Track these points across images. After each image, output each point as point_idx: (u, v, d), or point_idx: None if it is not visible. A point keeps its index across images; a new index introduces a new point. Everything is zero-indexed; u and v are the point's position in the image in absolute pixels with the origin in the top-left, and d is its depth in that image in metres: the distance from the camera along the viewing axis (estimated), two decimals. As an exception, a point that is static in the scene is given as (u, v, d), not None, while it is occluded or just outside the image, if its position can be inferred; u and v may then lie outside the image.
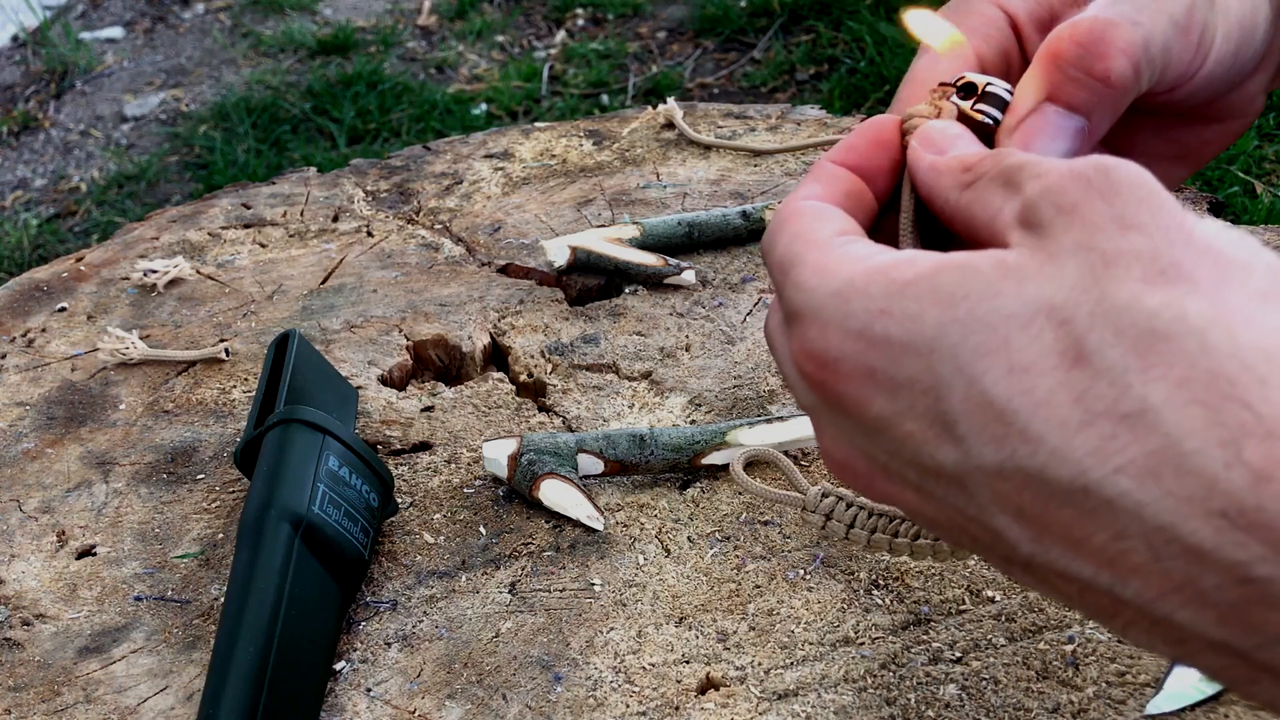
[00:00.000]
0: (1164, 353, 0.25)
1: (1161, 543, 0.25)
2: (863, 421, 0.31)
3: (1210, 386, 0.24)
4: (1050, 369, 0.26)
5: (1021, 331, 0.27)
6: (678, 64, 2.60)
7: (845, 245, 0.32)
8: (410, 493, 0.71)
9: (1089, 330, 0.26)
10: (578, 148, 1.10)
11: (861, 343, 0.29)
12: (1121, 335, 0.26)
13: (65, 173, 2.46)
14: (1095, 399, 0.26)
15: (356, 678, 0.59)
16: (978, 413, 0.27)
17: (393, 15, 2.96)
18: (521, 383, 0.80)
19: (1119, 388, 0.25)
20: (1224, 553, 0.24)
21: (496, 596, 0.63)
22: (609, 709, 0.56)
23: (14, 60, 2.89)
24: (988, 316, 0.27)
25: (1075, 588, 0.28)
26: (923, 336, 0.28)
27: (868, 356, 0.29)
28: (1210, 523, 0.24)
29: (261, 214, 1.04)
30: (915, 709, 0.55)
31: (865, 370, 0.29)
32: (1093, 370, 0.26)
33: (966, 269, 0.28)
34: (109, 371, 0.84)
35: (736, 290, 0.87)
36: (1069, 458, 0.26)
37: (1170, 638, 0.27)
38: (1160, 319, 0.25)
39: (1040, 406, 0.26)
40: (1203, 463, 0.24)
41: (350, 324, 0.86)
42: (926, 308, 0.28)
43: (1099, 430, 0.25)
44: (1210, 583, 0.25)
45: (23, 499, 0.73)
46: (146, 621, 0.64)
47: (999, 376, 0.27)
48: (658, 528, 0.67)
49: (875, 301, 0.29)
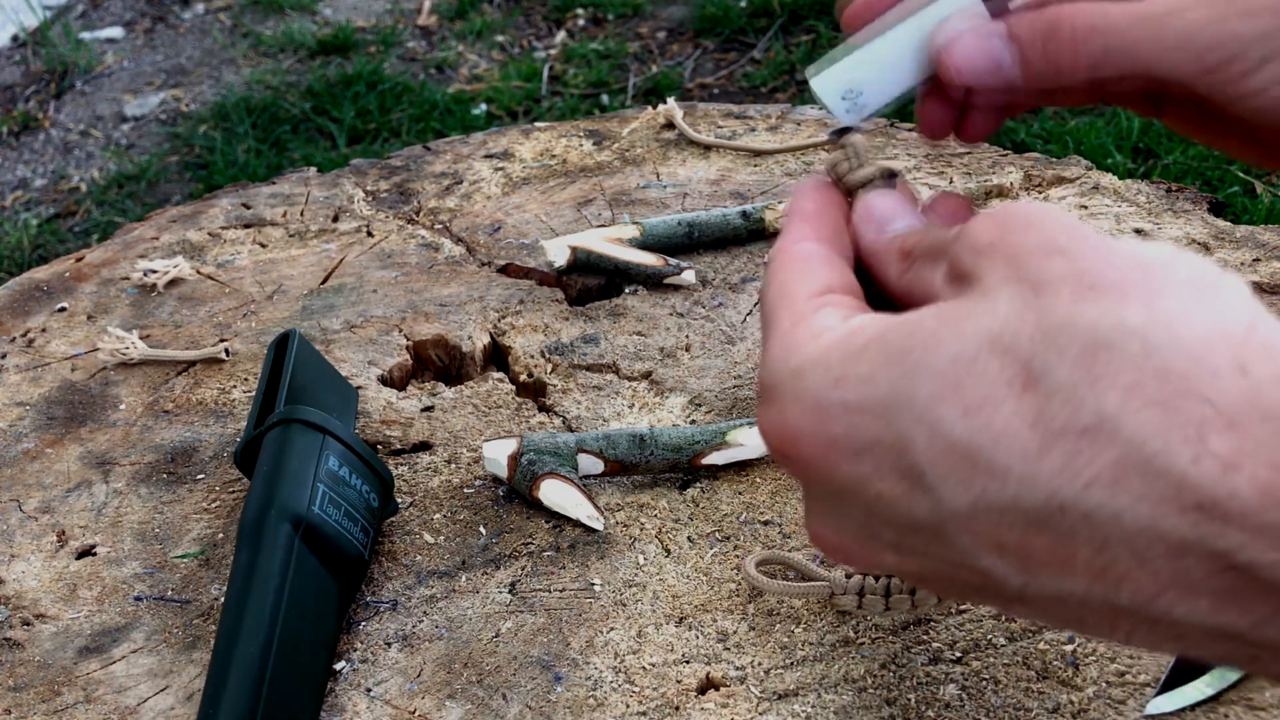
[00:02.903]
0: (1109, 361, 0.25)
1: (1144, 546, 0.25)
2: (832, 490, 0.31)
3: (1162, 386, 0.25)
4: (1003, 400, 0.26)
5: (969, 370, 0.27)
6: (678, 64, 2.60)
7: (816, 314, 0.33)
8: (410, 493, 0.71)
9: (1032, 354, 0.26)
10: (578, 148, 1.10)
11: (818, 414, 0.30)
12: (1065, 352, 0.26)
13: (65, 173, 2.46)
14: (1052, 419, 0.26)
15: (356, 678, 0.59)
16: (942, 459, 0.27)
17: (393, 15, 2.96)
18: (521, 383, 0.80)
19: (1073, 404, 0.25)
20: (1206, 544, 0.25)
21: (496, 596, 0.63)
22: (609, 709, 0.56)
23: (14, 60, 2.89)
24: (935, 363, 0.28)
25: (1072, 608, 0.28)
26: (877, 396, 0.29)
27: (826, 426, 0.30)
28: (1187, 518, 0.24)
29: (261, 214, 1.04)
30: (915, 709, 0.55)
31: (826, 440, 0.30)
32: (1044, 392, 0.26)
33: (909, 324, 0.29)
34: (109, 371, 0.84)
35: (736, 290, 0.87)
36: (1038, 482, 0.26)
37: (1171, 634, 0.27)
38: (1099, 329, 0.26)
39: (1000, 438, 0.26)
40: (1169, 462, 0.24)
41: (350, 324, 0.86)
42: (878, 368, 0.29)
43: (1062, 449, 0.26)
44: (1199, 574, 0.25)
45: (23, 499, 0.73)
46: (146, 621, 0.64)
47: (956, 418, 0.27)
48: (658, 528, 0.67)
49: (830, 372, 0.30)
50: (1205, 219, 0.92)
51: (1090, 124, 2.04)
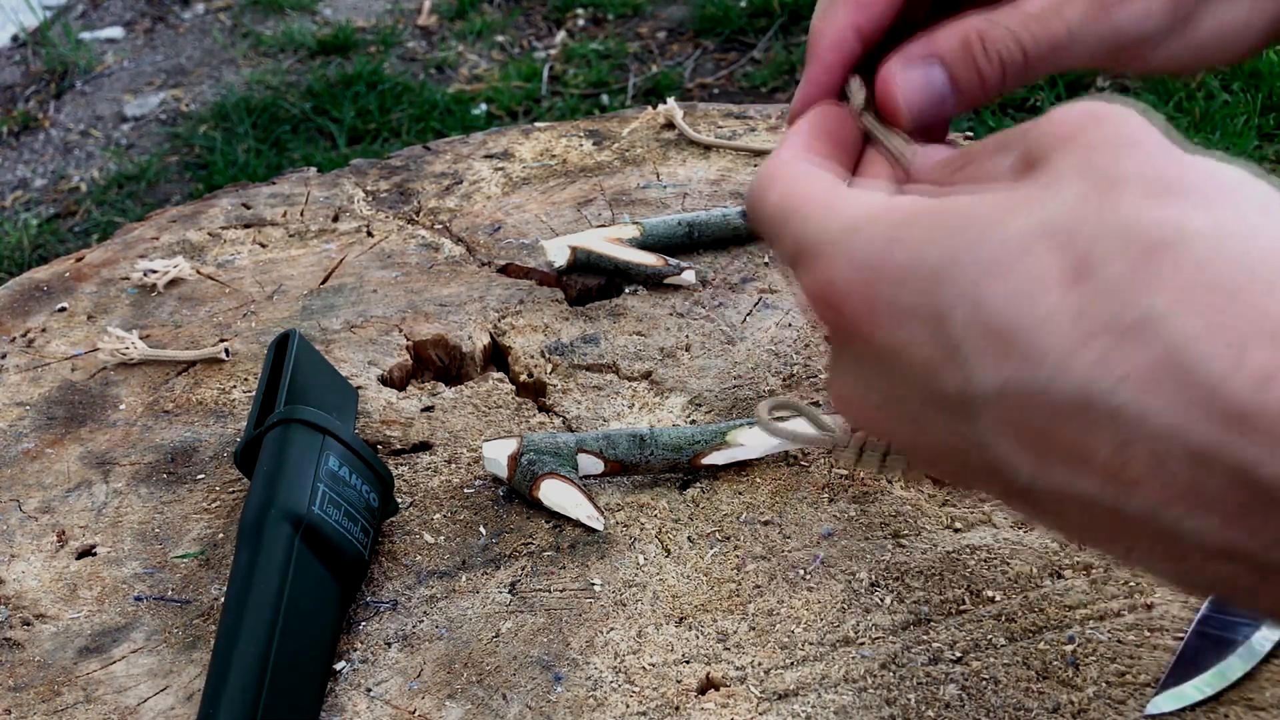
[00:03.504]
0: (1167, 264, 0.25)
1: (1165, 449, 0.25)
2: (869, 353, 0.31)
3: (1214, 293, 0.25)
4: (1052, 288, 0.26)
5: (1024, 254, 0.27)
6: (678, 64, 2.60)
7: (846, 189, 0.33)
8: (410, 493, 0.71)
9: (1091, 247, 0.26)
10: (578, 148, 1.10)
11: (869, 272, 0.30)
12: (1124, 250, 0.26)
13: (65, 173, 2.46)
14: (1097, 313, 0.26)
15: (356, 678, 0.59)
16: (980, 336, 0.27)
17: (393, 15, 2.96)
18: (521, 383, 0.80)
19: (1121, 300, 0.25)
20: (1228, 455, 0.24)
21: (496, 596, 0.63)
22: (609, 709, 0.56)
23: (14, 60, 2.89)
24: (991, 242, 0.28)
25: (1077, 511, 0.28)
26: (928, 264, 0.29)
27: (876, 286, 0.30)
28: (1214, 426, 0.24)
29: (261, 214, 1.04)
30: (915, 709, 0.55)
31: (873, 301, 0.30)
32: (1094, 286, 0.26)
33: (971, 200, 0.29)
34: (109, 371, 0.84)
35: (736, 290, 0.87)
36: (1071, 373, 0.26)
37: (1174, 552, 0.27)
38: (1162, 230, 0.26)
39: (1041, 325, 0.26)
40: (1206, 368, 0.24)
41: (350, 324, 0.86)
42: (933, 235, 0.29)
43: (1101, 343, 0.26)
44: (1214, 486, 0.25)
45: (23, 499, 0.73)
46: (146, 621, 0.64)
47: (1001, 299, 0.27)
48: (658, 528, 0.67)
49: (884, 231, 0.30)
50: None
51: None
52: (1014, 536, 0.64)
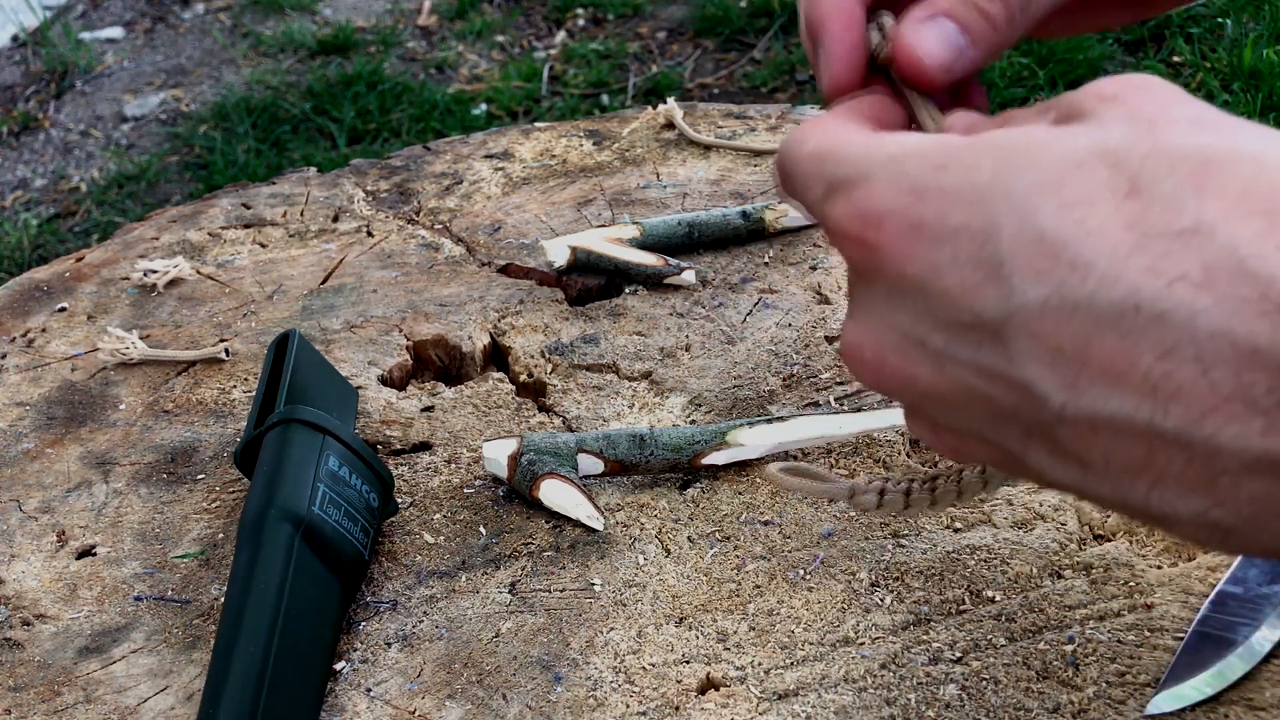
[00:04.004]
0: (1219, 175, 0.26)
1: (1213, 351, 0.25)
2: (900, 284, 0.31)
3: (1268, 199, 0.25)
4: (1103, 201, 0.27)
5: (1075, 170, 0.27)
6: (678, 64, 2.60)
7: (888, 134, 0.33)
8: (410, 493, 0.71)
9: (1142, 167, 0.27)
10: (578, 148, 1.10)
11: (912, 196, 0.30)
12: (1175, 168, 0.26)
13: (65, 173, 2.46)
14: (1149, 223, 0.26)
15: (356, 678, 0.59)
16: (1027, 248, 0.28)
17: (393, 15, 2.96)
18: (521, 383, 0.80)
19: (1174, 210, 0.26)
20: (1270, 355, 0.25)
21: (496, 596, 0.63)
22: (609, 709, 0.56)
23: (14, 60, 2.89)
24: (1042, 160, 0.28)
25: (1107, 440, 0.28)
26: (977, 184, 0.29)
27: (917, 209, 0.30)
28: (1267, 320, 0.25)
29: (261, 214, 1.04)
30: (915, 709, 0.55)
31: (912, 224, 0.30)
32: (1146, 199, 0.26)
33: (1020, 130, 0.29)
34: (109, 371, 0.84)
35: (736, 290, 0.87)
36: (1120, 279, 0.26)
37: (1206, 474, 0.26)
38: (1213, 150, 0.26)
39: (1091, 235, 0.27)
40: (1261, 265, 0.25)
41: (350, 324, 0.86)
42: (983, 158, 0.29)
43: (1154, 249, 0.26)
44: (1262, 387, 0.25)
45: (23, 499, 0.73)
46: (146, 621, 0.64)
47: (1051, 211, 0.27)
48: (658, 528, 0.67)
49: (931, 159, 0.30)
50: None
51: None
52: (1014, 536, 0.64)
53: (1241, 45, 2.16)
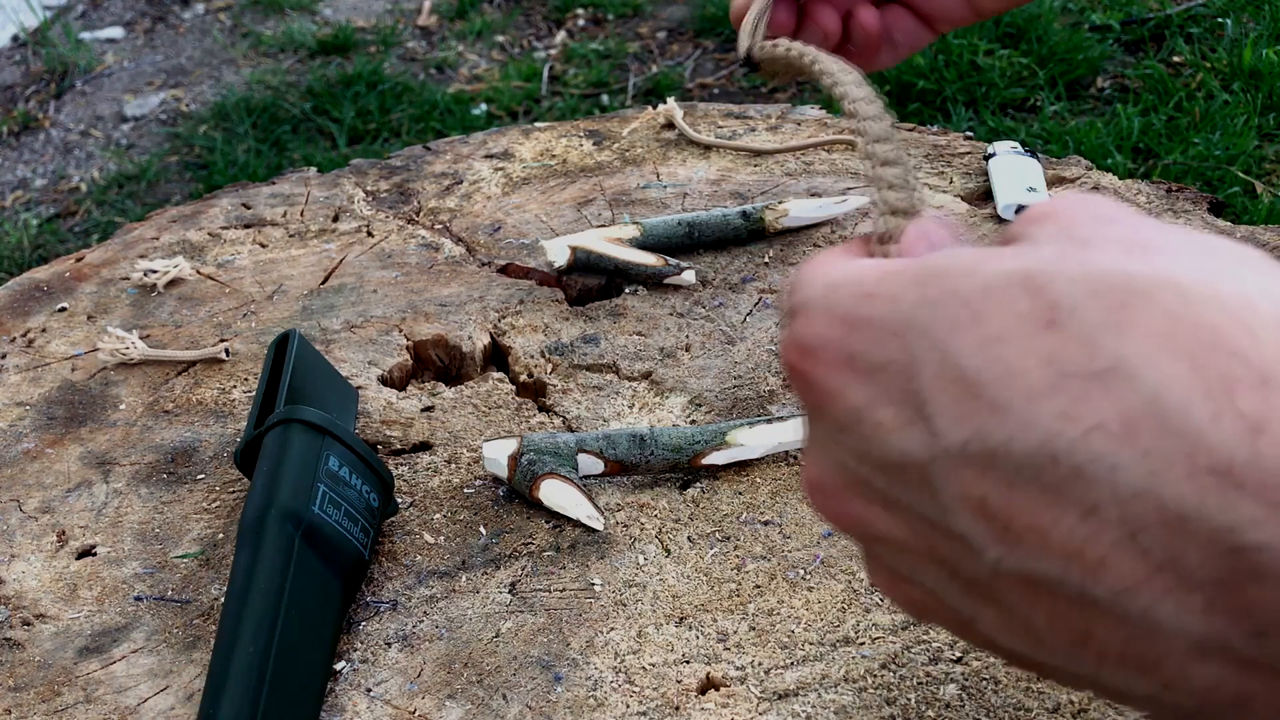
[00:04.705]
0: (1142, 309, 0.23)
1: (1139, 514, 0.23)
2: (838, 416, 0.29)
3: (1193, 338, 0.22)
4: (1022, 336, 0.24)
5: (995, 302, 0.25)
6: (678, 64, 2.60)
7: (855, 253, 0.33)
8: (410, 493, 0.71)
9: (1064, 294, 0.24)
10: (578, 148, 1.10)
11: (844, 327, 0.28)
12: (1098, 296, 0.24)
13: (65, 173, 2.46)
14: (1066, 360, 0.24)
15: (356, 678, 0.59)
16: (948, 387, 0.26)
17: (393, 15, 2.96)
18: (521, 383, 0.80)
19: (1092, 346, 0.23)
20: (1210, 517, 0.22)
21: (496, 596, 0.63)
22: (609, 709, 0.56)
23: (14, 60, 2.89)
24: (963, 291, 0.26)
25: (1045, 605, 0.25)
26: (900, 315, 0.27)
27: (849, 341, 0.28)
28: (1195, 483, 0.22)
29: (261, 214, 1.04)
30: (915, 709, 0.55)
31: (845, 356, 0.28)
32: (1066, 332, 0.24)
33: (949, 254, 0.28)
34: (109, 371, 0.84)
35: (736, 290, 0.87)
36: (1036, 424, 0.24)
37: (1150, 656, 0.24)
38: (1139, 279, 0.24)
39: (1009, 374, 0.24)
40: (1187, 417, 0.22)
41: (350, 324, 0.86)
42: (907, 288, 0.27)
43: (1069, 391, 0.23)
44: (1195, 559, 0.22)
45: (23, 499, 0.73)
46: (146, 621, 0.64)
47: (971, 349, 0.25)
48: (658, 528, 0.67)
49: (863, 286, 0.29)
50: (1205, 219, 0.92)
51: (1090, 124, 2.04)
52: (1014, 536, 0.64)
53: (1241, 45, 2.16)
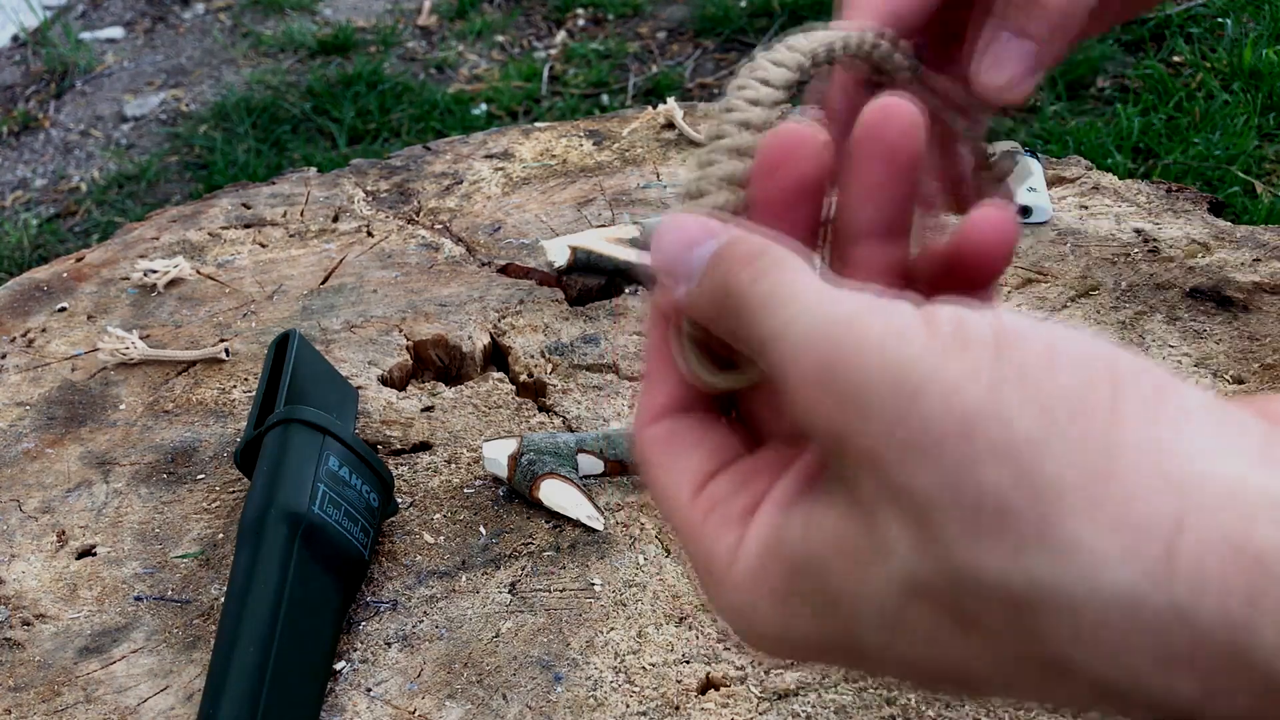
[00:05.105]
0: (1042, 621, 0.23)
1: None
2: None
3: (1107, 640, 0.23)
4: (948, 641, 0.25)
5: (900, 620, 0.25)
6: (678, 64, 2.60)
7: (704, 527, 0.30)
8: (410, 493, 0.71)
9: (956, 599, 0.24)
10: (578, 148, 1.10)
11: (773, 651, 0.29)
12: (988, 605, 0.24)
13: (65, 173, 2.46)
14: (1006, 654, 0.24)
15: (356, 678, 0.59)
16: (921, 680, 0.27)
17: (393, 15, 2.96)
18: (521, 383, 0.80)
19: (1025, 643, 0.24)
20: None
21: (496, 596, 0.63)
22: (609, 709, 0.56)
23: (14, 60, 2.89)
24: (867, 619, 0.26)
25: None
26: (823, 644, 0.28)
27: (784, 654, 0.29)
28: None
29: (261, 214, 1.04)
30: (915, 709, 0.55)
31: (789, 657, 0.30)
32: (987, 631, 0.24)
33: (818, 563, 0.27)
34: (109, 371, 0.84)
35: (736, 290, 0.87)
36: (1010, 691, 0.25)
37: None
38: (1012, 587, 0.23)
39: (959, 665, 0.25)
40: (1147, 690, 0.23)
41: (350, 324, 0.86)
42: (809, 626, 0.27)
43: (1030, 673, 0.24)
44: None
45: (23, 499, 0.73)
46: (146, 621, 0.64)
47: (907, 665, 0.26)
48: (658, 528, 0.67)
49: (761, 627, 0.29)
50: (1205, 219, 0.92)
51: (1090, 124, 2.04)
52: (1014, 536, 0.64)
53: (1241, 45, 2.16)
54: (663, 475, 0.31)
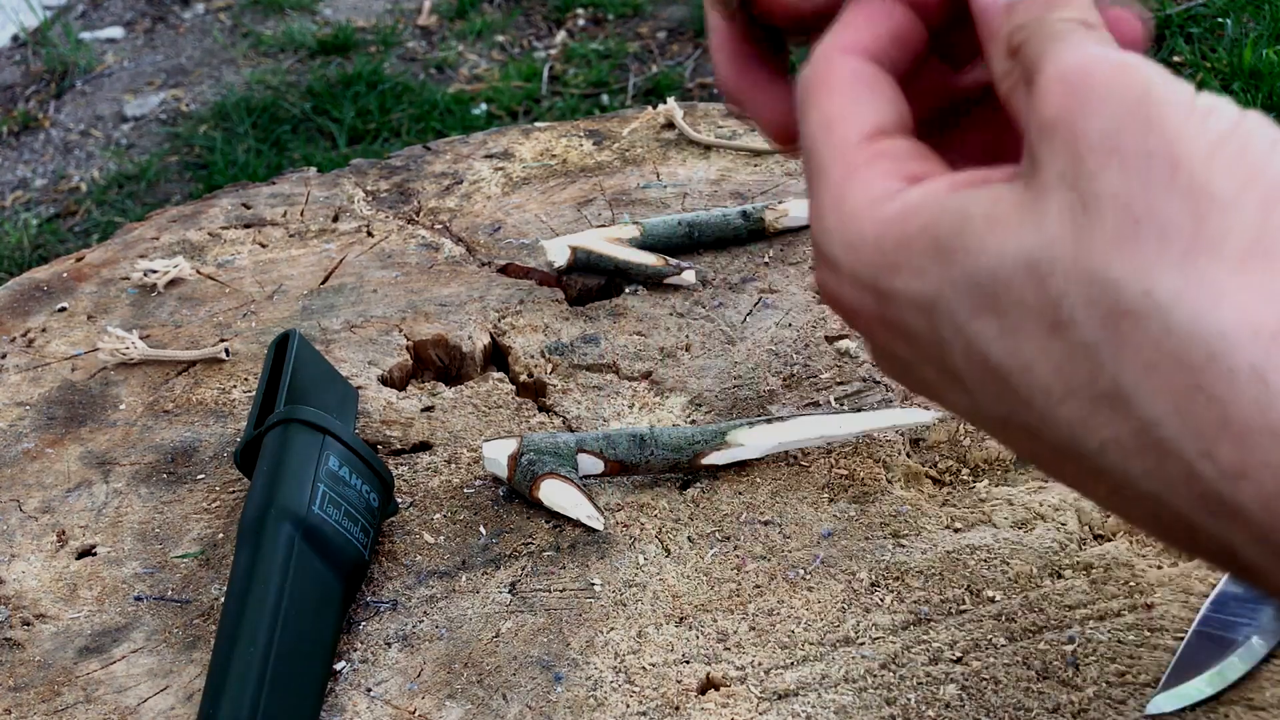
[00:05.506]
0: (1131, 332, 0.25)
1: (1155, 507, 0.26)
2: (885, 353, 0.32)
3: (1177, 373, 0.24)
4: (1032, 333, 0.26)
5: (1006, 290, 0.27)
6: (678, 64, 2.60)
7: (870, 168, 0.31)
8: (410, 493, 0.71)
9: (1063, 294, 0.26)
10: (578, 148, 1.10)
11: (873, 295, 0.30)
12: (1091, 307, 0.25)
13: (65, 173, 2.46)
14: (1072, 374, 0.26)
15: (356, 678, 0.59)
16: (978, 370, 0.28)
17: (393, 15, 2.96)
18: (521, 383, 0.80)
19: (1092, 365, 0.25)
20: (1211, 530, 0.25)
21: (496, 596, 0.63)
22: (609, 709, 0.56)
23: (14, 60, 2.89)
24: (977, 274, 0.27)
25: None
26: (925, 295, 0.29)
27: (881, 307, 0.30)
28: (1194, 504, 0.25)
29: (261, 214, 1.04)
30: (915, 709, 0.55)
31: (880, 319, 0.30)
32: (1068, 341, 0.26)
33: (964, 217, 0.28)
34: (109, 371, 0.84)
35: (736, 290, 0.87)
36: (1058, 425, 0.27)
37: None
38: (1127, 294, 0.25)
39: (1026, 371, 0.27)
40: (1179, 449, 0.24)
41: (350, 324, 0.86)
42: (927, 264, 0.28)
43: (1079, 404, 0.26)
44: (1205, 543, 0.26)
45: (23, 499, 0.73)
46: (146, 621, 0.64)
47: (992, 336, 0.27)
48: (658, 528, 0.67)
49: (885, 256, 0.29)
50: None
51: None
52: (1014, 536, 0.64)
53: (1241, 45, 2.16)
54: (840, 104, 0.32)
